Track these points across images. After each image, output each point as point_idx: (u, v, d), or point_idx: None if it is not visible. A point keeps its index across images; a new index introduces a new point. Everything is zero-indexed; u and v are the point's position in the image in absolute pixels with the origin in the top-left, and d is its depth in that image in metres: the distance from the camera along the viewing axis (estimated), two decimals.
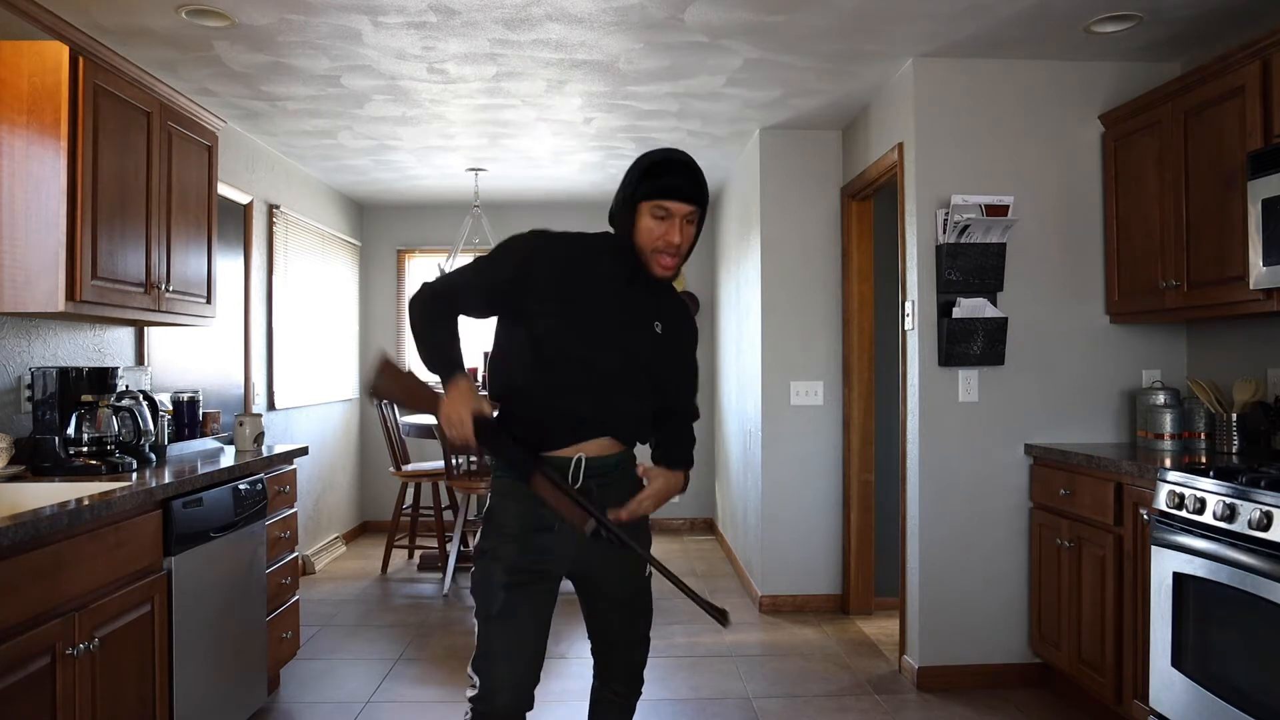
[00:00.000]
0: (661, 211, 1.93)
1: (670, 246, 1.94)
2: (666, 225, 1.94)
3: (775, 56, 3.59)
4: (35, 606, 1.95)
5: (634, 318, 2.03)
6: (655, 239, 1.94)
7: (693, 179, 1.95)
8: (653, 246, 1.95)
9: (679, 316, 2.18)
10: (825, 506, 4.68)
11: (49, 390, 2.80)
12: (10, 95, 2.59)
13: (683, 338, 2.20)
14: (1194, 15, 3.15)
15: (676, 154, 1.98)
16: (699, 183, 1.96)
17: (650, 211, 1.94)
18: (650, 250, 1.96)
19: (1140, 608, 2.85)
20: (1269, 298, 2.70)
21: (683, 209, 1.93)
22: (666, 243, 1.94)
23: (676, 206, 1.93)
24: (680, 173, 1.95)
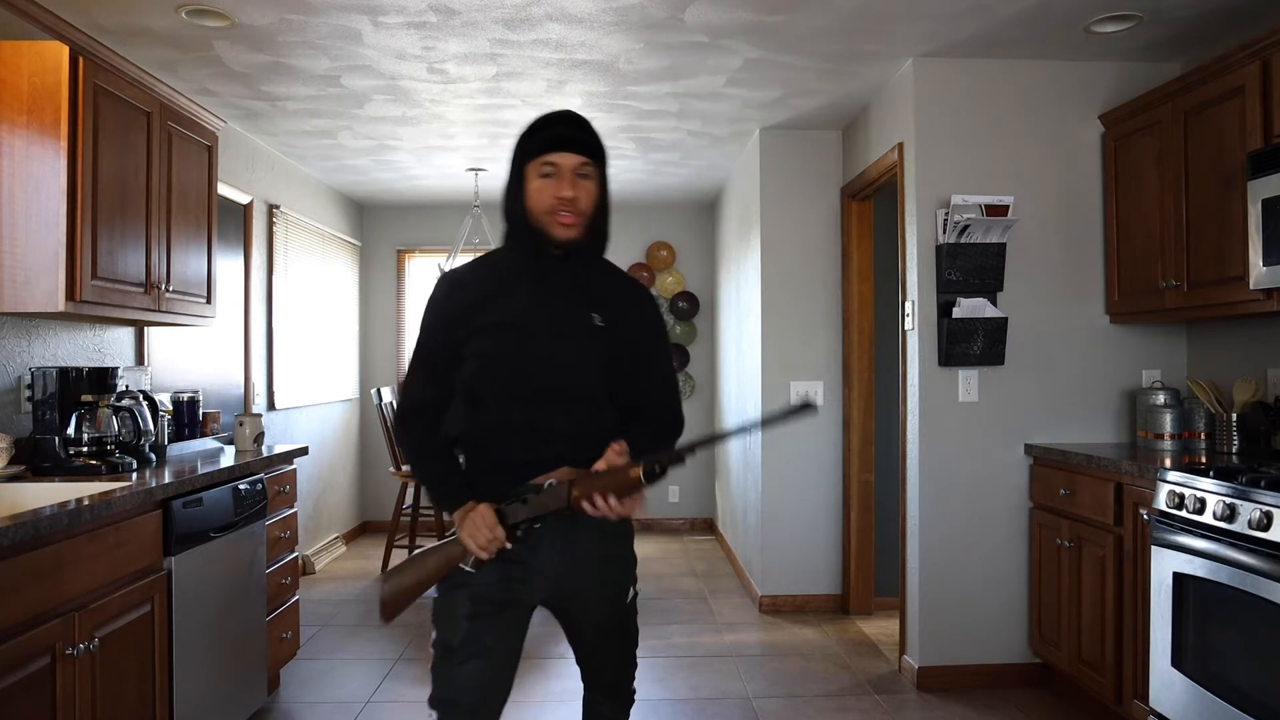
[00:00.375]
0: (549, 168, 1.74)
1: (564, 202, 1.72)
2: (556, 182, 1.74)
3: (775, 56, 3.59)
4: (35, 606, 1.95)
5: (561, 316, 1.79)
6: (546, 199, 1.73)
7: (578, 127, 1.77)
8: (545, 207, 1.74)
9: (627, 299, 1.88)
10: (825, 506, 4.68)
11: (49, 390, 2.80)
12: (10, 95, 2.59)
13: (636, 324, 1.87)
14: (1194, 15, 3.15)
15: (560, 111, 1.81)
16: (587, 131, 1.78)
17: (538, 172, 1.75)
18: (544, 213, 1.74)
19: (1140, 608, 2.85)
20: (1269, 298, 2.70)
21: (571, 160, 1.74)
22: (558, 199, 1.72)
23: (563, 159, 1.74)
24: (563, 122, 1.77)
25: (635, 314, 1.89)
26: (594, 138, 1.79)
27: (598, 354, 1.81)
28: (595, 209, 1.79)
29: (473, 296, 1.80)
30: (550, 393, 1.78)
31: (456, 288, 1.84)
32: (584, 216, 1.76)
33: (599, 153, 1.80)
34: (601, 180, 1.81)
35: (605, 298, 1.84)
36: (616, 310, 1.84)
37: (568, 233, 1.75)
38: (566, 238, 1.76)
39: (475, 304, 1.79)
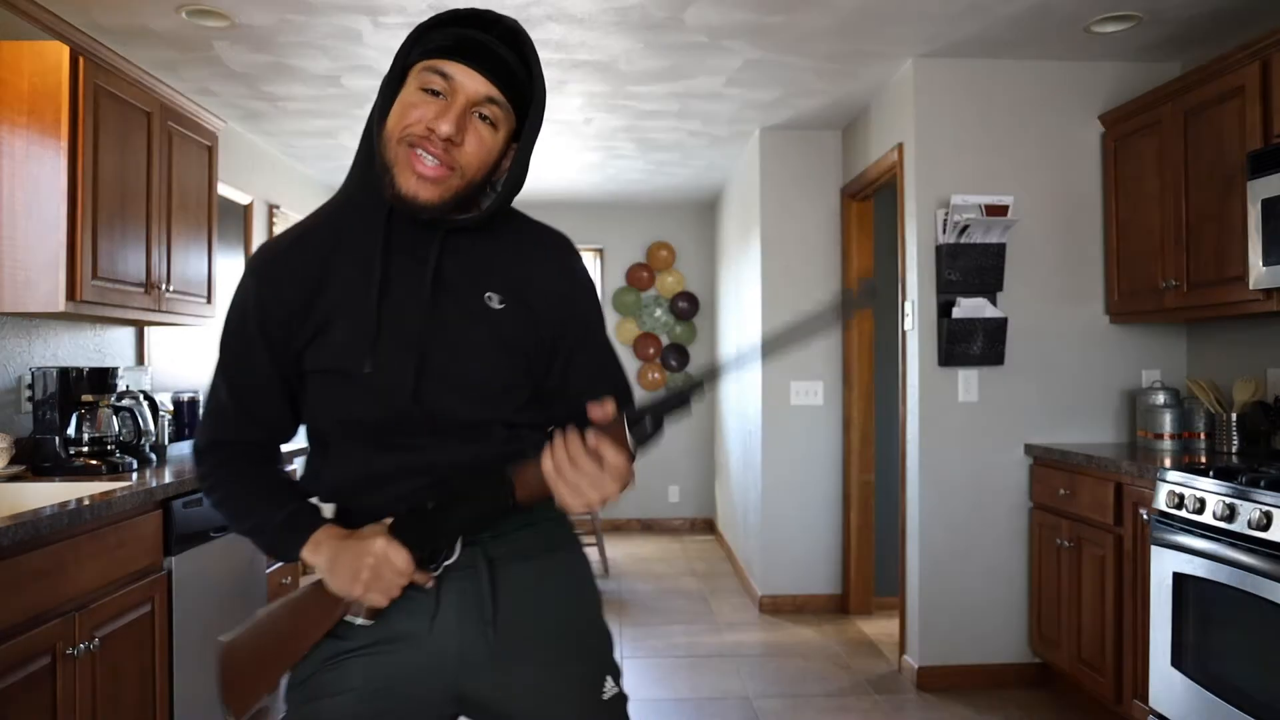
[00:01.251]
0: (439, 84, 1.12)
1: (432, 141, 1.11)
2: (437, 106, 1.11)
3: (775, 56, 3.59)
4: (35, 606, 1.95)
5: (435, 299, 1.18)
6: (413, 123, 1.12)
7: (513, 38, 1.15)
8: (404, 132, 1.12)
9: (537, 257, 1.27)
10: (825, 506, 4.68)
11: (49, 390, 2.81)
12: (10, 95, 2.59)
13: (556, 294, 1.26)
14: (1194, 15, 3.15)
15: (487, 11, 1.16)
16: (521, 48, 1.16)
17: (419, 83, 1.13)
18: (397, 142, 1.12)
19: (1140, 608, 2.85)
20: (1269, 298, 2.70)
21: (476, 83, 1.12)
22: (427, 130, 1.11)
23: (465, 75, 1.11)
24: (482, 23, 1.14)
25: (553, 278, 1.27)
26: (525, 62, 1.16)
27: (499, 349, 1.20)
28: (481, 173, 1.16)
29: (300, 280, 1.19)
30: (427, 421, 1.18)
31: (275, 266, 1.21)
32: (457, 174, 1.13)
33: (524, 91, 1.16)
34: (515, 136, 1.19)
35: (504, 262, 1.23)
36: (522, 278, 1.23)
37: (418, 187, 1.12)
38: (413, 194, 1.12)
39: (305, 292, 1.18)
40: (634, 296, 6.93)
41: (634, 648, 4.08)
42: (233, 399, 1.25)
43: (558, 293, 1.26)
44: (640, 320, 6.96)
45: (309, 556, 1.18)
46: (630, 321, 6.94)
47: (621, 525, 6.94)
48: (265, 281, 1.20)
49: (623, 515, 6.95)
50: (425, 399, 1.17)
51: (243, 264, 4.70)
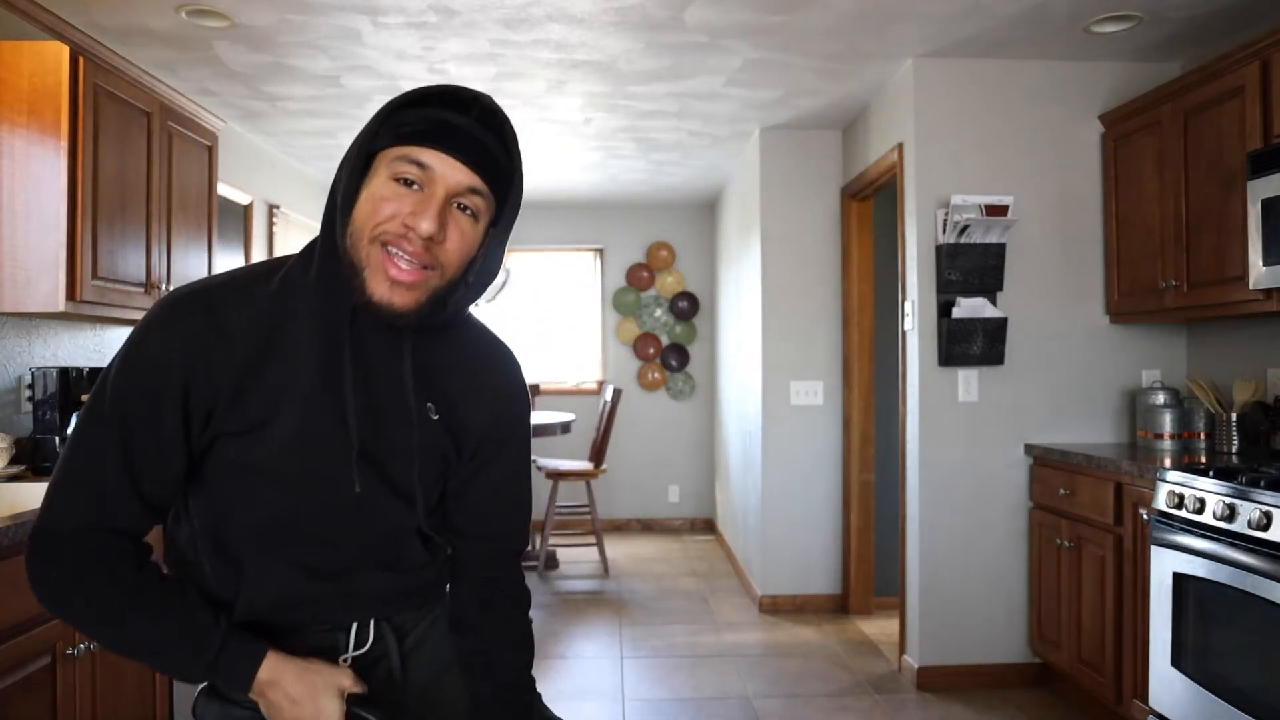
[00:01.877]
0: (415, 174, 1.01)
1: (410, 232, 1.00)
2: (413, 199, 1.01)
3: (775, 56, 3.59)
4: (35, 606, 1.95)
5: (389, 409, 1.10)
6: (386, 220, 1.01)
7: (493, 122, 1.05)
8: (376, 231, 1.01)
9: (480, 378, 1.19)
10: (825, 506, 4.68)
11: (49, 390, 2.81)
12: (10, 95, 2.59)
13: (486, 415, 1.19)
14: (1194, 15, 3.15)
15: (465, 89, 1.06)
16: (502, 133, 1.06)
17: (391, 173, 1.01)
18: (369, 242, 1.01)
19: (1140, 608, 2.85)
20: (1269, 298, 2.70)
21: (459, 175, 1.02)
22: (404, 224, 1.00)
23: (449, 167, 1.01)
24: (462, 104, 1.04)
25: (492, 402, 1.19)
26: (505, 145, 1.06)
27: (431, 458, 1.14)
28: (460, 269, 1.07)
29: (239, 348, 1.03)
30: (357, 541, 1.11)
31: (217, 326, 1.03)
32: (436, 274, 1.04)
33: (507, 178, 1.07)
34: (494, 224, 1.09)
35: (450, 371, 1.15)
36: (461, 392, 1.16)
37: (394, 295, 1.02)
38: (388, 301, 1.02)
39: (243, 366, 1.03)
40: (634, 296, 6.93)
41: (634, 648, 4.08)
42: (125, 470, 1.01)
43: (490, 413, 1.18)
44: (640, 320, 6.96)
45: (256, 697, 1.06)
46: (630, 321, 6.94)
47: (621, 525, 6.94)
48: (195, 337, 1.01)
49: (623, 515, 6.95)
50: (365, 506, 1.09)
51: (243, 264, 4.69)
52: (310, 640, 1.12)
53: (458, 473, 1.18)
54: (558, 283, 7.00)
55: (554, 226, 6.91)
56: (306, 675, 1.06)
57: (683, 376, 6.98)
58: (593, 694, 3.53)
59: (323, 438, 1.05)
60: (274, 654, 1.06)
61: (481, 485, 1.19)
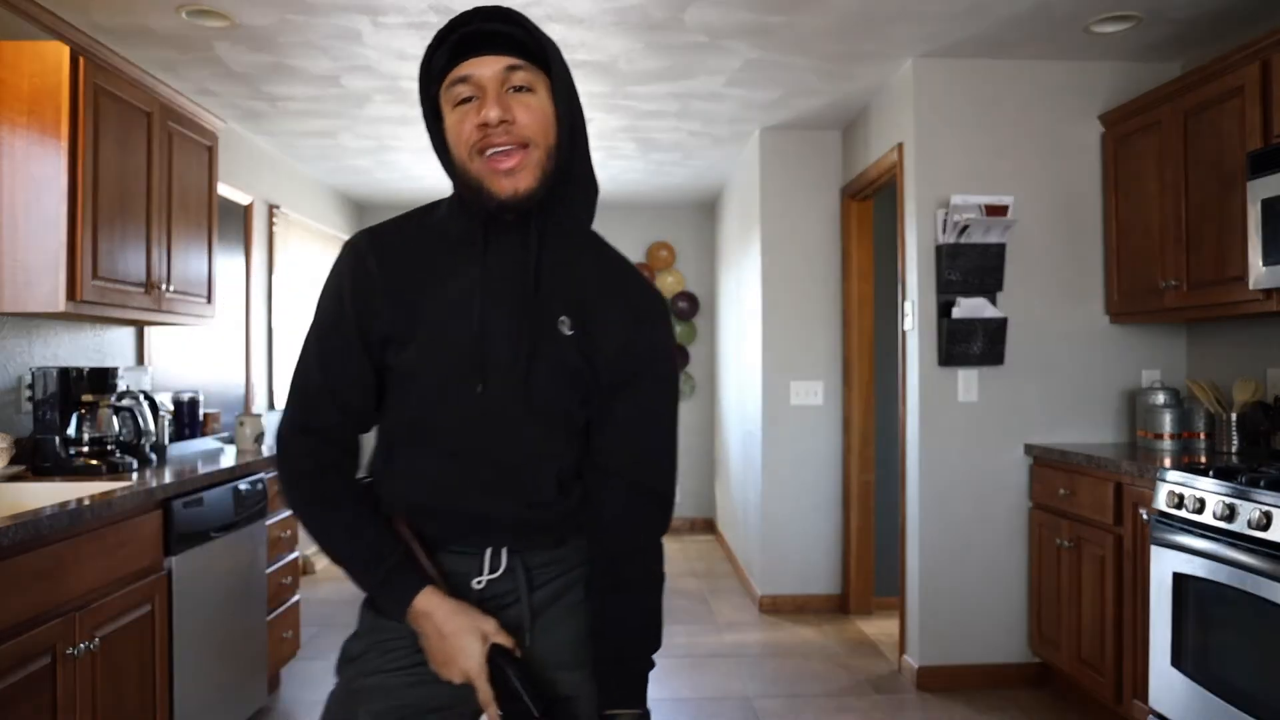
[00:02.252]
0: (465, 90, 1.14)
1: (492, 134, 1.12)
2: (475, 106, 1.13)
3: (775, 57, 3.59)
4: (36, 606, 1.95)
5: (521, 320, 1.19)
6: (469, 135, 1.14)
7: (496, 15, 1.15)
8: (470, 149, 1.14)
9: (614, 298, 1.25)
10: (825, 506, 4.68)
11: (49, 390, 2.81)
12: (10, 95, 2.59)
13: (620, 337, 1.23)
14: (1194, 15, 3.15)
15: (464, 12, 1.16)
16: (511, 19, 1.16)
17: (451, 104, 1.16)
18: (471, 161, 1.15)
19: (1140, 608, 2.85)
20: (1269, 298, 2.70)
21: (491, 66, 1.13)
22: (481, 130, 1.13)
23: (478, 66, 1.13)
24: (475, 16, 1.15)
25: (628, 323, 1.24)
26: (525, 28, 1.17)
27: (565, 378, 1.21)
28: (549, 135, 1.17)
29: (399, 267, 1.21)
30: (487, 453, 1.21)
31: (379, 246, 1.22)
32: (531, 148, 1.14)
33: (540, 52, 1.17)
34: (559, 93, 1.19)
35: (583, 291, 1.23)
36: (597, 311, 1.22)
37: (512, 182, 1.13)
38: (512, 191, 1.13)
39: (403, 277, 1.20)
40: None
41: None
42: (324, 379, 1.22)
43: (626, 334, 1.24)
44: None
45: (410, 623, 1.20)
46: None
47: None
48: (369, 269, 1.21)
49: None
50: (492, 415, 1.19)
51: (243, 263, 4.70)
52: (448, 563, 1.23)
53: (598, 400, 1.23)
54: None
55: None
56: (457, 615, 1.17)
57: (683, 376, 6.98)
58: None
59: (455, 345, 1.17)
60: (432, 590, 1.18)
61: (621, 416, 1.24)
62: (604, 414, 1.24)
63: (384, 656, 1.24)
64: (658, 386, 1.27)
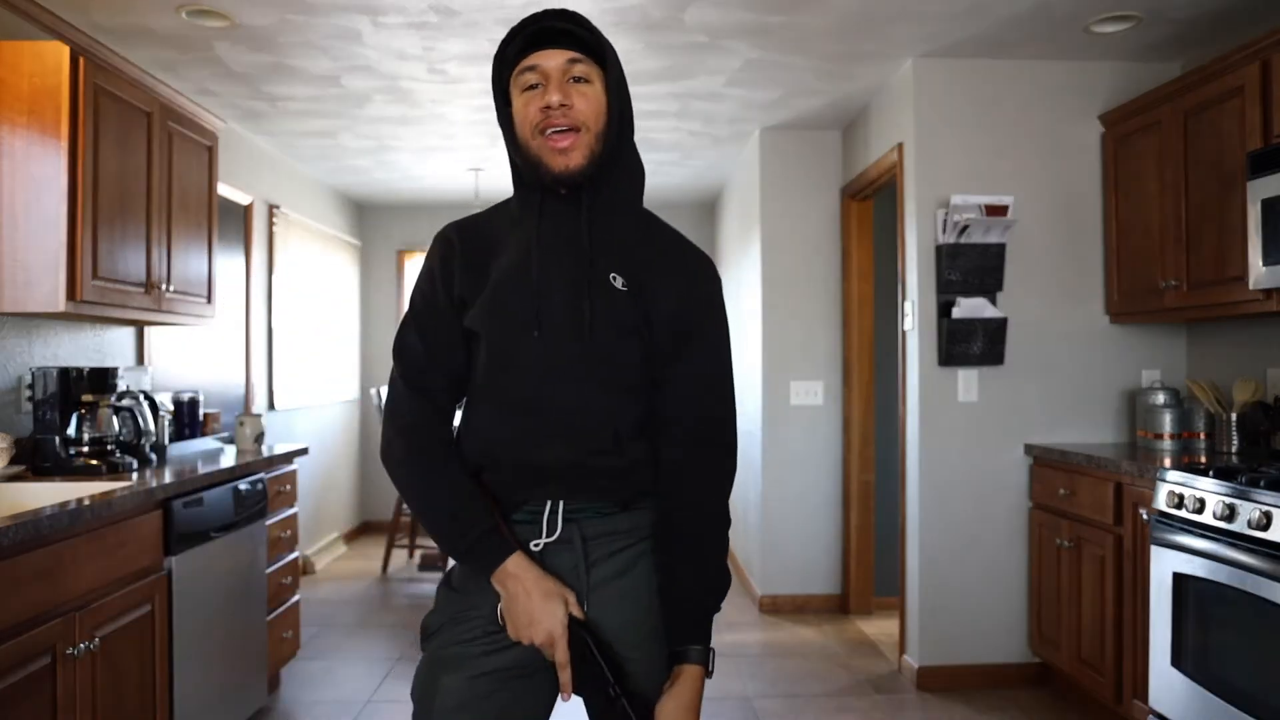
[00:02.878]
0: (533, 78, 1.32)
1: (552, 116, 1.30)
2: (541, 91, 1.31)
3: (775, 56, 3.59)
4: (35, 606, 1.95)
5: (574, 276, 1.33)
6: (532, 116, 1.31)
7: (563, 17, 1.33)
8: (533, 129, 1.32)
9: (671, 260, 1.40)
10: (825, 506, 4.68)
11: (49, 390, 2.81)
12: (10, 95, 2.59)
13: (680, 295, 1.36)
14: (1194, 15, 3.15)
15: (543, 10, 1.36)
16: (576, 21, 1.33)
17: (520, 89, 1.33)
18: (532, 139, 1.32)
19: (1140, 608, 2.85)
20: (1269, 298, 2.70)
21: (556, 59, 1.31)
22: (544, 113, 1.30)
23: (545, 58, 1.31)
24: (545, 16, 1.33)
25: (681, 281, 1.37)
26: (589, 30, 1.33)
27: (619, 330, 1.32)
28: (600, 121, 1.33)
29: (476, 249, 1.39)
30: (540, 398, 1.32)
31: (458, 236, 1.41)
32: (584, 131, 1.31)
33: (599, 49, 1.33)
34: (611, 87, 1.34)
35: (634, 253, 1.36)
36: (647, 273, 1.35)
37: (565, 159, 1.30)
38: (564, 167, 1.30)
39: (480, 256, 1.38)
40: None
41: None
42: (422, 343, 1.38)
43: (680, 291, 1.36)
44: None
45: (497, 584, 1.30)
46: None
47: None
48: (452, 245, 1.39)
49: None
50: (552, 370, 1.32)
51: (243, 263, 4.71)
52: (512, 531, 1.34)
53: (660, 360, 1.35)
54: None
55: None
56: (544, 581, 1.28)
57: None
58: None
59: (514, 299, 1.32)
60: (521, 554, 1.30)
61: (682, 371, 1.36)
62: (665, 371, 1.36)
63: (459, 628, 1.35)
64: (715, 342, 1.40)
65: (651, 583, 1.36)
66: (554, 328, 1.31)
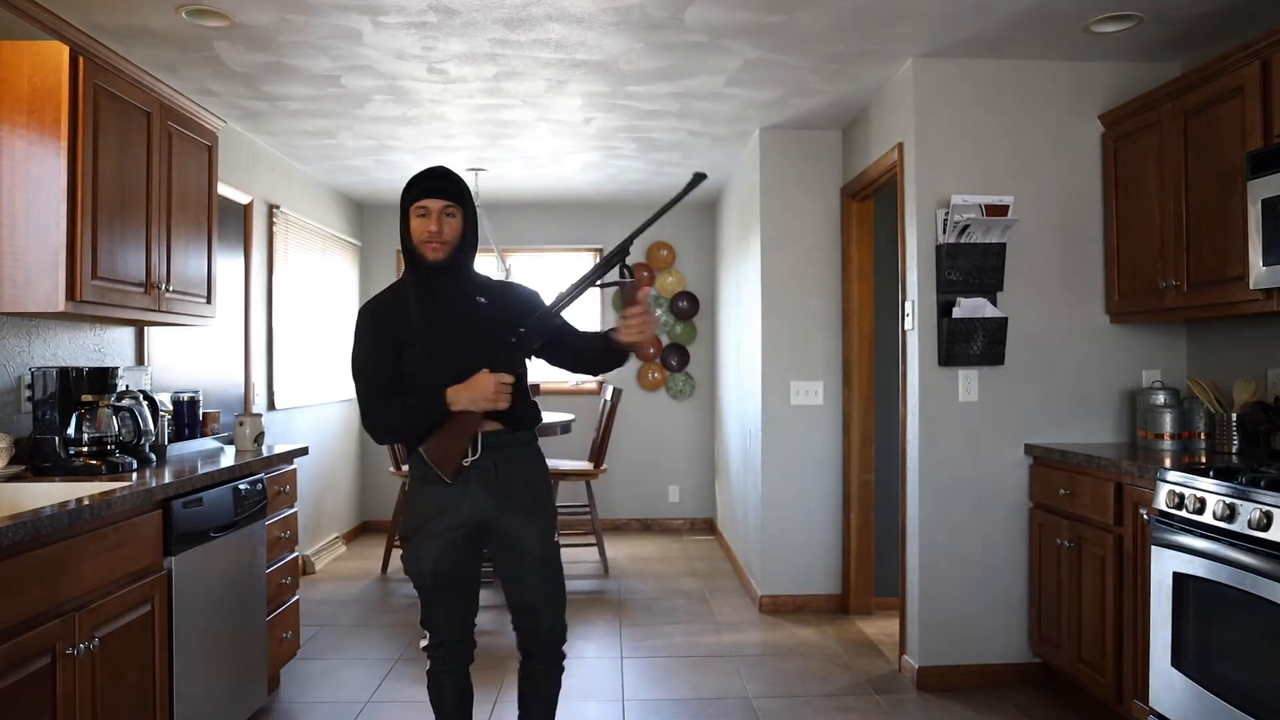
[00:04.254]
0: (421, 210, 2.31)
1: (432, 235, 2.29)
2: (425, 220, 2.30)
3: (775, 56, 3.59)
4: (35, 606, 1.95)
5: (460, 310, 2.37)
6: (420, 233, 2.31)
7: (443, 179, 2.32)
8: (419, 239, 2.32)
9: (504, 288, 2.52)
10: (825, 506, 4.68)
11: (49, 390, 2.80)
12: (10, 95, 2.59)
13: (516, 297, 2.48)
14: (1194, 15, 3.15)
15: (433, 168, 2.35)
16: (452, 180, 2.33)
17: (414, 214, 2.32)
18: (419, 244, 2.32)
19: (1140, 608, 2.85)
20: (1269, 298, 2.70)
21: (437, 204, 2.30)
22: (428, 233, 2.30)
23: (431, 203, 2.30)
24: (430, 176, 2.32)
25: (515, 291, 2.52)
26: (458, 186, 2.34)
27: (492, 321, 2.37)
28: (457, 239, 2.34)
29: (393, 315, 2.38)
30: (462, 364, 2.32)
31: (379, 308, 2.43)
32: (446, 245, 2.32)
33: (462, 197, 2.34)
34: (469, 219, 2.36)
35: (487, 290, 2.45)
36: (497, 294, 2.45)
37: (436, 254, 2.32)
38: (434, 259, 2.32)
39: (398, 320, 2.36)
40: None
41: (634, 647, 4.08)
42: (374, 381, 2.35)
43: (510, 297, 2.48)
44: None
45: (451, 401, 2.27)
46: None
47: (621, 525, 6.94)
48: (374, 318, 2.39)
49: (622, 515, 6.95)
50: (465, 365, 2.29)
51: (242, 263, 4.71)
52: None
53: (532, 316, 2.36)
54: (558, 282, 7.00)
55: (553, 227, 6.91)
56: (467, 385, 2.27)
57: (683, 376, 6.98)
58: (592, 694, 3.53)
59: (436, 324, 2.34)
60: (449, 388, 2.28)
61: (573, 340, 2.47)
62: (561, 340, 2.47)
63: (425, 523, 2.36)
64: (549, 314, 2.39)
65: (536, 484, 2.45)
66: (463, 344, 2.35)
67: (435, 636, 2.42)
